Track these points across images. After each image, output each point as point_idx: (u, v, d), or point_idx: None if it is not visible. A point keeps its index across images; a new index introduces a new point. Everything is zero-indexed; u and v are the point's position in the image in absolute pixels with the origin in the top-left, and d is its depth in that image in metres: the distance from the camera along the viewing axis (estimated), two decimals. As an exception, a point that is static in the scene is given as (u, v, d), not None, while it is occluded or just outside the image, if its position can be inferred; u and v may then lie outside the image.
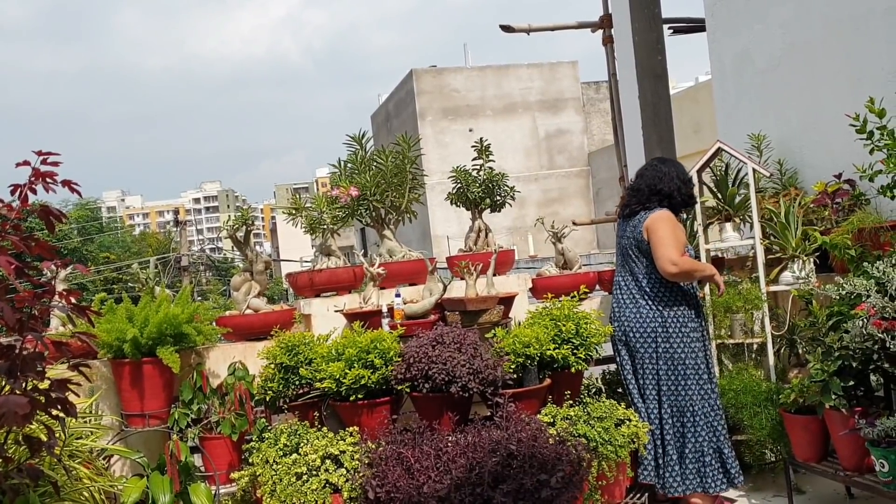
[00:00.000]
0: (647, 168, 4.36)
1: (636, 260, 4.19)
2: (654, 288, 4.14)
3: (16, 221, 2.35)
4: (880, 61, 4.62)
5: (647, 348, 4.15)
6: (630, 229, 4.21)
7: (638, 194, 4.24)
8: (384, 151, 4.92)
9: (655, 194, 4.18)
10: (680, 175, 4.27)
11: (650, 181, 4.22)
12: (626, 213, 4.27)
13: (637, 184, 4.29)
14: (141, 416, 3.89)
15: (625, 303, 4.23)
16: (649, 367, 4.16)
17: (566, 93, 28.96)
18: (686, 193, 4.27)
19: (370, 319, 4.26)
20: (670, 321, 4.11)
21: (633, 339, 4.18)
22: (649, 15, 7.03)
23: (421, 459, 3.53)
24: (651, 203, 4.17)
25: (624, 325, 4.22)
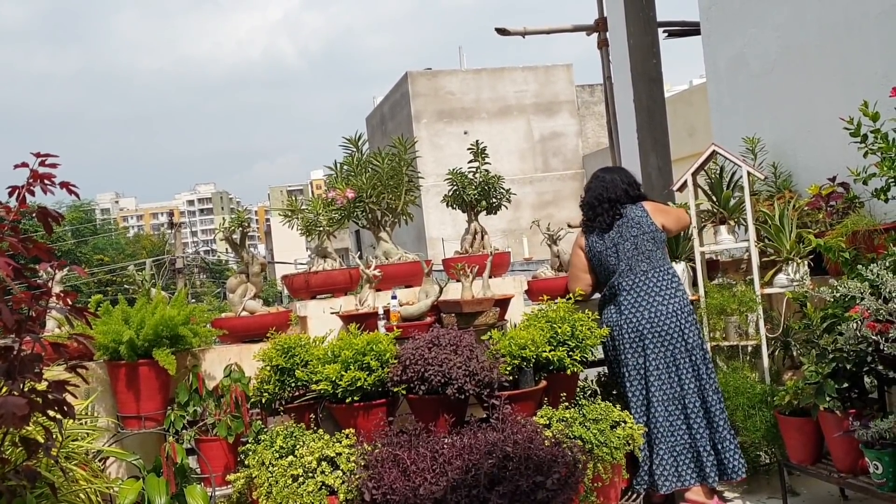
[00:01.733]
0: (591, 181, 4.55)
1: (653, 253, 4.28)
2: (676, 276, 4.30)
3: (14, 223, 2.35)
4: (874, 65, 4.64)
5: (678, 339, 4.18)
6: (632, 228, 4.29)
7: (590, 208, 4.46)
8: (380, 154, 4.93)
9: (606, 202, 4.38)
10: (624, 179, 4.45)
11: (597, 193, 4.43)
12: (597, 224, 4.44)
13: (587, 199, 4.50)
14: (137, 418, 3.88)
15: (652, 298, 4.22)
16: (681, 358, 4.18)
17: (561, 96, 29.01)
18: (634, 195, 4.43)
19: (366, 321, 4.26)
20: (691, 307, 4.30)
21: (662, 332, 4.18)
22: (644, 18, 7.07)
23: (417, 461, 3.53)
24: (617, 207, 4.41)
25: (652, 320, 4.20)
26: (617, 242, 4.32)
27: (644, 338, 4.21)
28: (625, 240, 4.30)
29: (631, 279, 4.27)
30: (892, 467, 3.43)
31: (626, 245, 4.29)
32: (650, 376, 4.20)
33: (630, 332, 4.25)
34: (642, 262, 4.26)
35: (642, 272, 4.25)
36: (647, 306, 4.21)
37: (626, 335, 4.26)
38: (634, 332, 4.23)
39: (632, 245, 4.28)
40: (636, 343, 4.23)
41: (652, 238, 4.27)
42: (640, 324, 4.21)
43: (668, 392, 4.19)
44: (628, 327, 4.24)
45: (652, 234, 4.28)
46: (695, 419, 4.17)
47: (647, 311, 4.20)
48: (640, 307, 4.24)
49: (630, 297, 4.26)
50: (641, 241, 4.27)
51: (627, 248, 4.28)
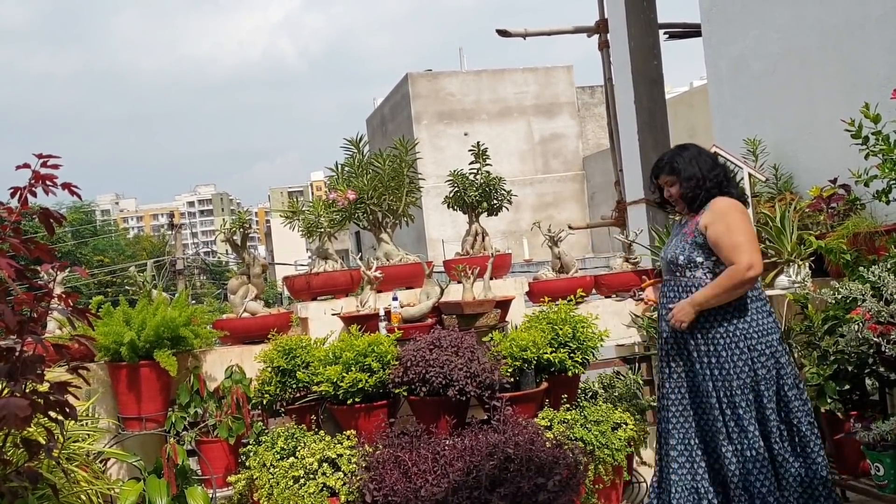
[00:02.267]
0: (701, 154, 3.62)
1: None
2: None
3: (16, 224, 2.35)
4: (875, 67, 4.64)
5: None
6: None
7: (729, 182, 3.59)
8: (381, 155, 4.93)
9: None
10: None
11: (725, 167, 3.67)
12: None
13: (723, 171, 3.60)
14: (138, 420, 3.88)
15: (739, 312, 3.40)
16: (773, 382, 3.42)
17: (561, 97, 29.01)
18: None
19: (367, 323, 4.26)
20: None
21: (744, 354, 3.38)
22: (645, 20, 7.07)
23: (418, 463, 3.53)
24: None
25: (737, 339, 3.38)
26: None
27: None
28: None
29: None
30: (893, 469, 3.42)
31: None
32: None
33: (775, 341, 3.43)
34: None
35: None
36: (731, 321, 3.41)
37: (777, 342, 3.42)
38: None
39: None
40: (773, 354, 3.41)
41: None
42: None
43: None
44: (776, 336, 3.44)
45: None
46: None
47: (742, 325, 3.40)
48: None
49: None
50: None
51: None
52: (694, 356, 3.45)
